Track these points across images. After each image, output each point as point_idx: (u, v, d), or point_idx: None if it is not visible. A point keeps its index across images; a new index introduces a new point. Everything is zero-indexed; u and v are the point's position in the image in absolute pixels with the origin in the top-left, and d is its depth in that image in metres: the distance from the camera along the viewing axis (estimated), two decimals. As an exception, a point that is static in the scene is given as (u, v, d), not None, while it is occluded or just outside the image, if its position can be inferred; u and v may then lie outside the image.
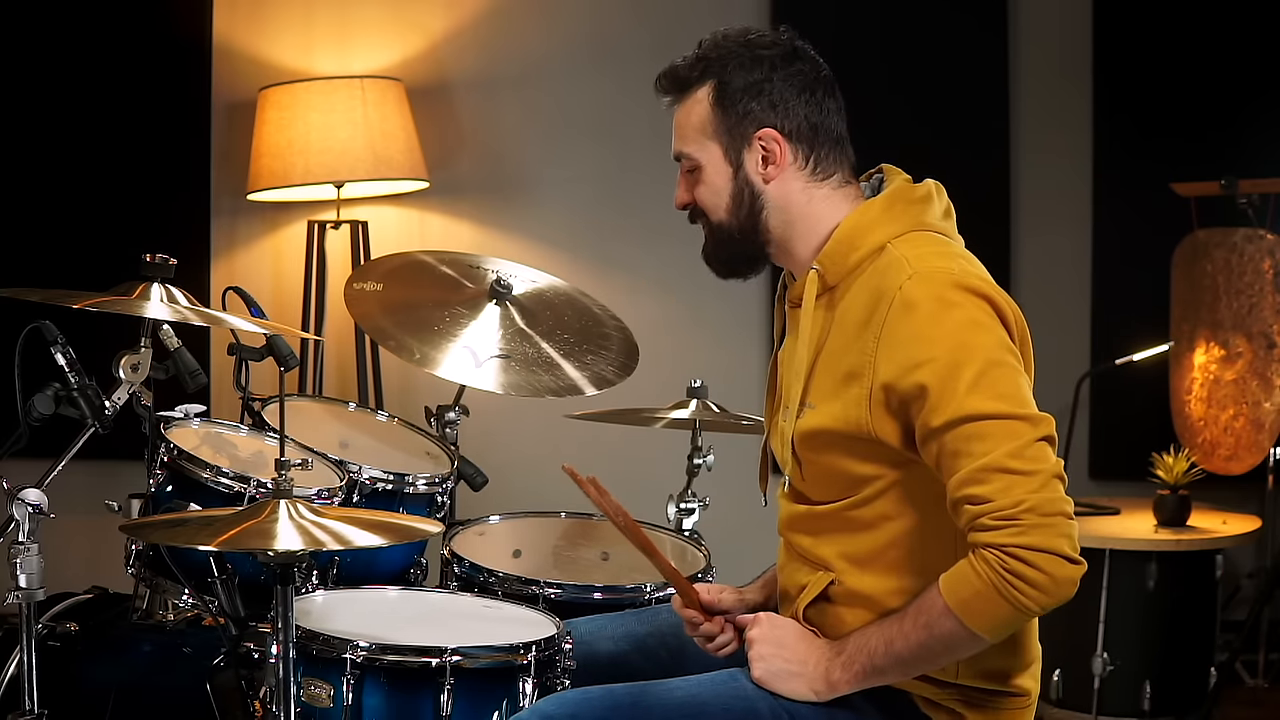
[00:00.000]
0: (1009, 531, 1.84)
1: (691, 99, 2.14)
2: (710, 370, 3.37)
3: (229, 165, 4.74)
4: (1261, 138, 4.49)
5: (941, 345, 1.91)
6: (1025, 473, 1.85)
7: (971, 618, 1.88)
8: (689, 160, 2.16)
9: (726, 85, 2.11)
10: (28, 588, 2.35)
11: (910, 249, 2.01)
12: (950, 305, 1.93)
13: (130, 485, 2.74)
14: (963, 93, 4.56)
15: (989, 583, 1.85)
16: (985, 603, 1.87)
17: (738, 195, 2.13)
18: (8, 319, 2.45)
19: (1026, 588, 1.84)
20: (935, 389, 1.90)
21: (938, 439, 1.91)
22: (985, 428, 1.87)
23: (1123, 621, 3.92)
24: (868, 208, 2.08)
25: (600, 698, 2.03)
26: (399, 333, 3.07)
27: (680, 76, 2.16)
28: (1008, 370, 1.91)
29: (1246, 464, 4.27)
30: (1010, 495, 1.84)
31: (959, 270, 1.96)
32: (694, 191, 2.17)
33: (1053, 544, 1.83)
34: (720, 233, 2.16)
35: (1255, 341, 4.22)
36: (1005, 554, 1.84)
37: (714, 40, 2.15)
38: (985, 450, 1.86)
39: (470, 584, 2.73)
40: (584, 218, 4.80)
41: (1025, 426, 1.88)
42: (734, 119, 2.11)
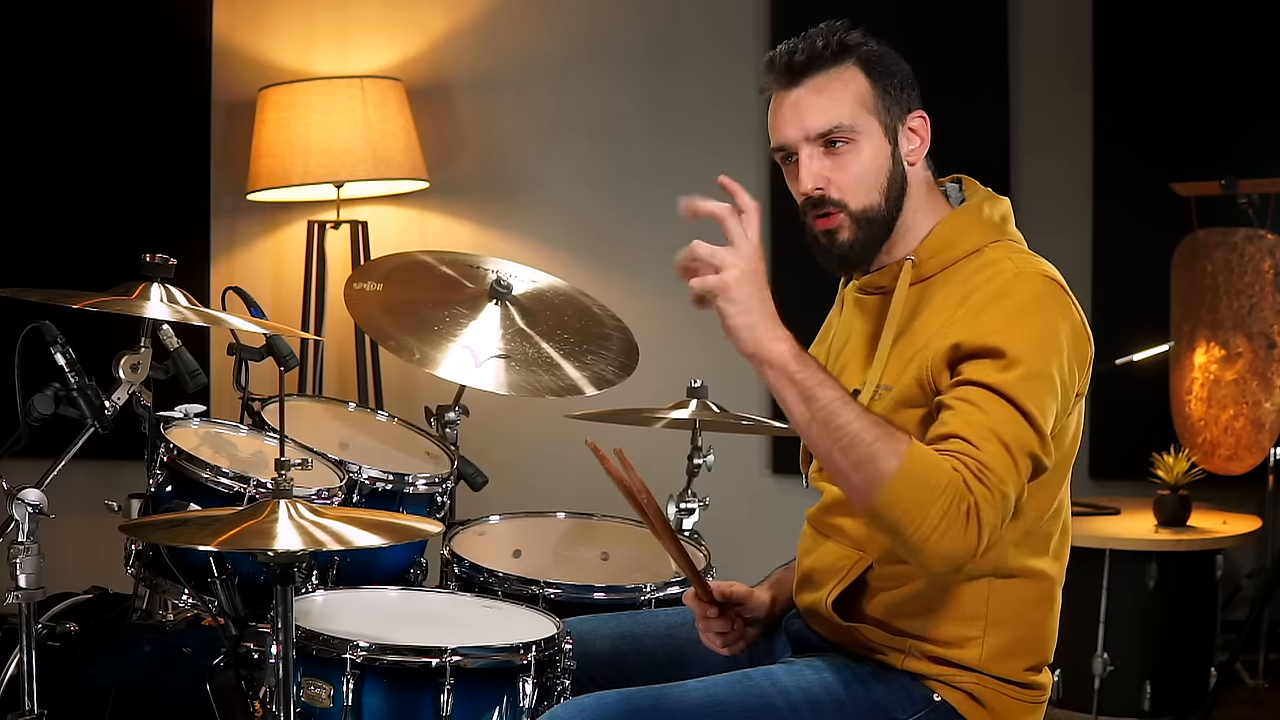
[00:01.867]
0: (982, 490, 1.84)
1: (840, 73, 2.05)
2: (710, 370, 3.37)
3: (229, 165, 4.74)
4: (1262, 138, 4.49)
5: (1026, 335, 1.94)
6: (1017, 465, 1.89)
7: (896, 488, 1.83)
8: (846, 133, 2.05)
9: (876, 64, 2.06)
10: (28, 588, 2.35)
11: (1009, 253, 2.06)
12: (1046, 311, 1.98)
13: (130, 485, 2.74)
14: (962, 92, 4.56)
15: (942, 495, 1.82)
16: (919, 499, 1.82)
17: (894, 175, 2.08)
18: (8, 319, 2.45)
19: (952, 532, 1.82)
20: (1007, 357, 1.92)
21: (972, 388, 1.92)
22: (1007, 409, 1.90)
23: (1123, 621, 3.92)
24: (969, 211, 2.11)
25: (617, 702, 2.03)
26: (399, 333, 3.07)
27: (817, 52, 2.06)
28: (1055, 391, 1.95)
29: (1247, 464, 4.27)
30: (999, 466, 1.86)
31: (1061, 288, 2.02)
32: (833, 174, 2.06)
33: (991, 526, 1.84)
34: (868, 217, 2.07)
35: (1255, 341, 4.22)
36: (971, 495, 1.83)
37: (828, 29, 2.08)
38: (1004, 425, 1.89)
39: (470, 584, 2.73)
40: (584, 218, 4.80)
41: (1035, 440, 1.92)
42: (893, 95, 2.07)
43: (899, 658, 2.07)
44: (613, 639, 2.34)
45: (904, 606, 2.06)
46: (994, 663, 2.05)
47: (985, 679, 2.05)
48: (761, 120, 2.16)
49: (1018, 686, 2.07)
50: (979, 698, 2.05)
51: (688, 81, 4.73)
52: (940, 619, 2.05)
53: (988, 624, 2.05)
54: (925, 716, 2.05)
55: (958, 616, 2.04)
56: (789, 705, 2.04)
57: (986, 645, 2.05)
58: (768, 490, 4.67)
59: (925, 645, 2.06)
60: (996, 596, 2.05)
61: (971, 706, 2.06)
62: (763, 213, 1.96)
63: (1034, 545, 2.06)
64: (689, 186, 1.95)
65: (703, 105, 4.69)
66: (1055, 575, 2.10)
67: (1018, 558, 2.05)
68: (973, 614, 2.04)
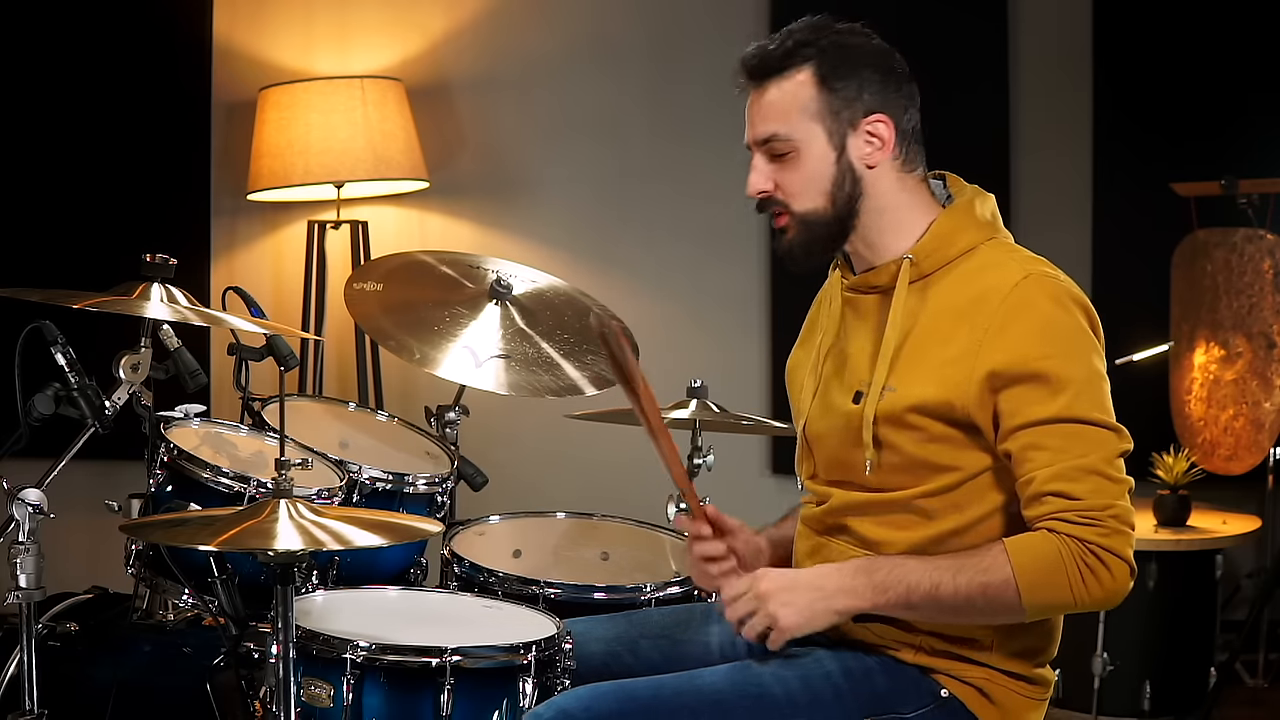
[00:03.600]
0: (1095, 530, 1.92)
1: (789, 80, 2.09)
2: (710, 370, 3.37)
3: (229, 165, 4.74)
4: (1262, 138, 4.49)
5: (1060, 345, 1.99)
6: (1116, 480, 1.96)
7: (1032, 592, 1.94)
8: (782, 143, 2.10)
9: (834, 69, 2.08)
10: (27, 588, 2.35)
11: (1008, 252, 2.09)
12: (1067, 312, 2.02)
13: (130, 485, 2.74)
14: (962, 92, 4.56)
15: (1064, 567, 1.92)
16: (1052, 583, 1.93)
17: (839, 180, 2.10)
18: (8, 319, 2.45)
19: (1094, 583, 1.92)
20: (1054, 381, 1.97)
21: (1035, 429, 1.97)
22: (1088, 432, 1.96)
23: (1123, 621, 3.92)
24: (962, 209, 2.12)
25: (615, 691, 2.04)
26: (399, 333, 3.07)
27: (774, 58, 2.10)
28: (1105, 384, 2.03)
29: (1246, 464, 4.27)
30: (1101, 498, 1.94)
31: (1065, 281, 2.05)
32: (780, 178, 2.11)
33: (1125, 552, 1.94)
34: (811, 220, 2.11)
35: (1255, 341, 4.22)
36: (1087, 548, 1.92)
37: (804, 26, 2.11)
38: (1084, 451, 1.95)
39: (470, 584, 2.73)
40: (584, 218, 4.80)
41: (1116, 439, 1.99)
42: (842, 101, 2.08)
43: (909, 652, 2.07)
44: (607, 640, 2.33)
45: None
46: (1003, 657, 2.06)
47: (994, 673, 2.06)
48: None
49: (1025, 682, 2.08)
50: (988, 693, 2.06)
51: (689, 81, 4.73)
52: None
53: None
54: (931, 712, 2.05)
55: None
56: (787, 696, 2.04)
57: (996, 640, 2.05)
58: (768, 490, 4.67)
59: (935, 640, 2.06)
60: None
61: (980, 702, 2.06)
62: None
63: None
64: (689, 186, 1.96)
65: (703, 105, 4.69)
66: None
67: None
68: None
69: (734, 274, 4.66)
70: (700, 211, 4.66)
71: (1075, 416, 1.96)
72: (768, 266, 4.62)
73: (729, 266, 4.66)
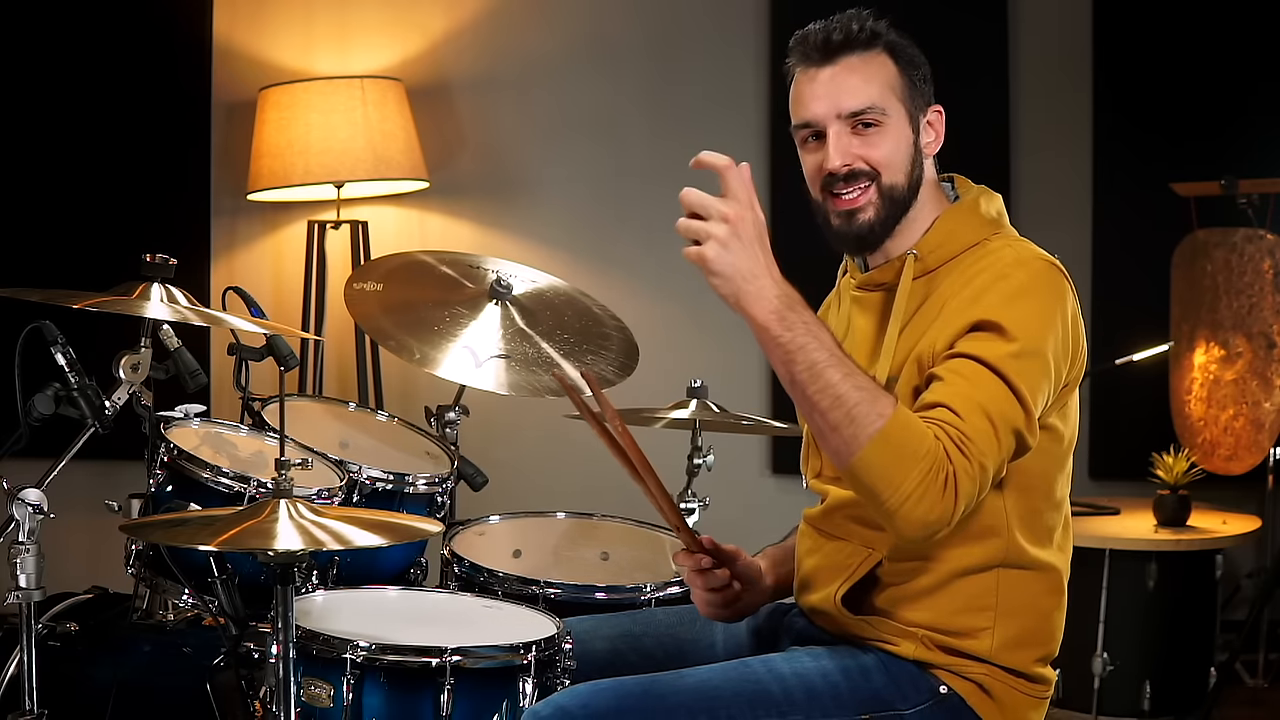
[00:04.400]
0: (960, 458, 1.88)
1: (872, 58, 2.10)
2: (710, 370, 3.37)
3: (229, 165, 4.74)
4: (1262, 138, 4.49)
5: (1022, 310, 1.98)
6: (999, 439, 1.92)
7: (885, 443, 1.85)
8: (877, 113, 2.09)
9: (903, 56, 2.12)
10: (27, 588, 2.35)
11: (1009, 242, 2.09)
12: (1039, 289, 2.01)
13: (130, 485, 2.74)
14: (962, 92, 4.53)
15: (921, 460, 1.85)
16: (903, 458, 1.85)
17: (913, 160, 2.12)
18: (8, 319, 2.45)
19: (926, 496, 1.85)
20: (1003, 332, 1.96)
21: (959, 357, 1.97)
22: (996, 384, 1.94)
23: (1123, 621, 3.92)
24: (967, 205, 2.14)
25: (612, 688, 2.03)
26: (399, 333, 3.07)
27: (855, 36, 2.10)
28: (1045, 370, 1.98)
29: (1246, 464, 4.27)
30: (979, 440, 1.90)
31: (1057, 271, 2.05)
32: (863, 151, 2.09)
33: (966, 492, 1.87)
34: (893, 194, 2.10)
35: (1255, 341, 4.21)
36: (948, 463, 1.87)
37: (857, 15, 2.12)
38: (989, 400, 1.93)
39: (470, 584, 2.73)
40: (584, 218, 4.80)
41: (1021, 415, 1.95)
42: (917, 87, 2.12)
43: (909, 646, 2.07)
44: (612, 639, 2.34)
45: (914, 599, 2.07)
46: (1004, 653, 2.06)
47: (995, 670, 2.06)
48: (762, 119, 2.17)
49: (1025, 679, 2.08)
50: (988, 689, 2.06)
51: (687, 81, 4.73)
52: (950, 609, 2.06)
53: (998, 614, 2.06)
54: (929, 709, 2.05)
55: (968, 607, 2.05)
56: (784, 692, 2.04)
57: (997, 635, 2.06)
58: (768, 490, 4.67)
59: (936, 635, 2.06)
60: (1006, 587, 2.06)
61: (980, 698, 2.06)
62: (765, 213, 1.96)
63: (1038, 536, 2.08)
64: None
65: (702, 104, 4.69)
66: (1061, 567, 2.12)
67: (1024, 548, 2.06)
68: (983, 604, 2.05)
69: (734, 274, 4.65)
70: (700, 211, 4.66)
71: (1002, 370, 1.94)
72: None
73: (729, 266, 4.66)
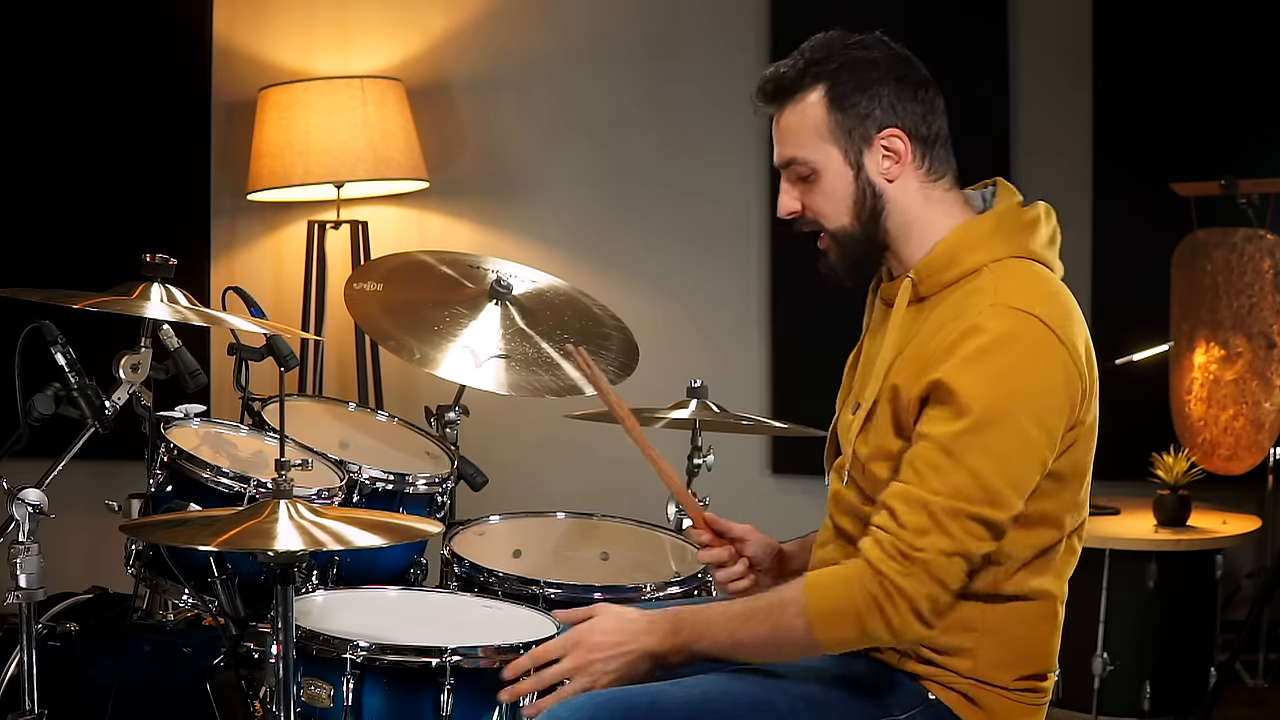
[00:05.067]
0: (896, 566, 1.92)
1: (802, 103, 2.09)
2: (710, 370, 3.37)
3: (229, 165, 4.74)
4: (1262, 138, 4.49)
5: (974, 378, 1.92)
6: (947, 534, 1.91)
7: (823, 626, 1.95)
8: (804, 165, 2.10)
9: (842, 87, 2.08)
10: (28, 588, 2.35)
11: (1006, 279, 2.02)
12: (1004, 346, 1.94)
13: (130, 485, 2.74)
14: (962, 92, 4.52)
15: (854, 602, 1.93)
16: (843, 618, 1.94)
17: (860, 198, 2.09)
18: (8, 319, 2.45)
19: (880, 619, 1.92)
20: (955, 405, 1.92)
21: (919, 441, 1.95)
22: (953, 470, 1.92)
23: (1123, 621, 3.92)
24: (974, 225, 2.08)
25: (614, 700, 2.03)
26: (399, 333, 3.07)
27: (786, 81, 2.10)
28: (1011, 435, 1.93)
29: (1246, 464, 4.27)
30: (920, 540, 1.92)
31: (1041, 311, 1.97)
32: (806, 199, 2.12)
33: (917, 600, 1.92)
34: (844, 238, 2.11)
35: (1255, 341, 4.21)
36: (881, 581, 1.92)
37: (816, 44, 2.11)
38: (934, 489, 1.92)
39: (470, 584, 2.73)
40: (584, 218, 4.80)
41: (984, 504, 1.92)
42: (854, 120, 2.08)
43: (895, 657, 2.07)
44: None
45: None
46: (990, 672, 2.05)
47: (980, 684, 2.05)
48: (762, 119, 2.17)
49: (1018, 691, 2.07)
50: (974, 699, 2.05)
51: (688, 81, 4.73)
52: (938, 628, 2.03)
53: (982, 635, 2.04)
54: (920, 713, 2.05)
55: (951, 627, 2.03)
56: (787, 702, 2.04)
57: (981, 656, 2.04)
58: (768, 490, 4.67)
59: (921, 649, 2.05)
60: (992, 613, 2.04)
61: (967, 707, 2.05)
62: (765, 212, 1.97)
63: (1035, 570, 2.05)
64: (689, 186, 1.96)
65: (703, 105, 4.69)
66: (1058, 592, 2.09)
67: (1015, 581, 2.04)
68: (968, 625, 2.04)
69: (734, 274, 4.66)
70: (700, 211, 4.66)
71: (954, 452, 1.91)
72: (768, 266, 4.62)
73: (729, 266, 4.66)
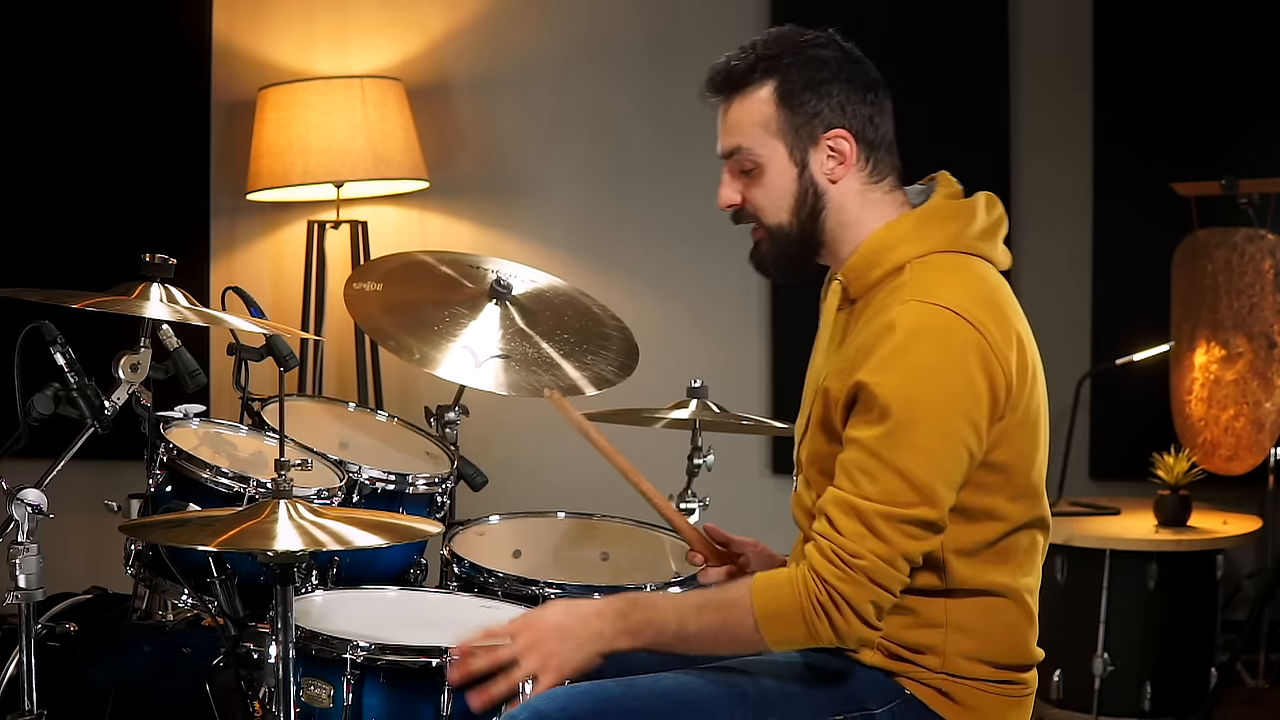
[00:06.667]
0: (836, 573, 1.93)
1: (750, 96, 2.10)
2: (710, 370, 3.37)
3: (229, 165, 4.74)
4: (1262, 138, 4.49)
5: (893, 379, 1.92)
6: (882, 538, 1.92)
7: (769, 627, 1.97)
8: (748, 158, 2.10)
9: (793, 84, 2.08)
10: (27, 588, 2.35)
11: (924, 274, 2.01)
12: (920, 341, 1.93)
13: (130, 485, 2.74)
14: (962, 92, 4.56)
15: (799, 604, 1.94)
16: (788, 619, 1.95)
17: (801, 196, 2.09)
18: (8, 319, 2.45)
19: (825, 623, 1.93)
20: (876, 408, 1.92)
21: (849, 446, 1.96)
22: (882, 473, 1.92)
23: (1123, 622, 3.92)
24: (897, 223, 2.07)
25: (590, 691, 2.04)
26: (399, 333, 3.07)
27: (737, 74, 2.11)
28: (941, 435, 1.93)
29: (1247, 464, 4.27)
30: (859, 545, 1.92)
31: (953, 302, 1.95)
32: (747, 192, 2.12)
33: (862, 605, 1.93)
34: (780, 235, 2.11)
35: (1256, 341, 4.21)
36: (824, 586, 1.93)
37: (769, 39, 2.12)
38: (867, 494, 1.93)
39: (470, 584, 2.73)
40: (584, 218, 4.80)
41: (917, 504, 1.92)
42: (802, 118, 2.08)
43: (868, 653, 2.07)
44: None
45: None
46: (960, 665, 2.05)
47: (954, 678, 2.05)
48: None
49: (993, 682, 2.06)
50: (949, 693, 2.05)
51: (688, 81, 4.65)
52: (901, 625, 2.04)
53: (948, 631, 2.04)
54: (897, 708, 2.05)
55: (918, 624, 2.04)
56: (760, 693, 2.05)
57: (949, 652, 2.04)
58: (768, 490, 4.67)
59: (890, 644, 2.05)
60: (955, 609, 2.04)
61: (942, 702, 2.05)
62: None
63: (988, 562, 2.04)
64: (689, 186, 1.96)
65: (702, 105, 4.68)
66: (1020, 586, 2.06)
67: (970, 575, 2.03)
68: (932, 622, 2.04)
69: (734, 274, 4.63)
70: (700, 211, 4.64)
71: (880, 455, 1.92)
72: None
73: (729, 266, 4.63)
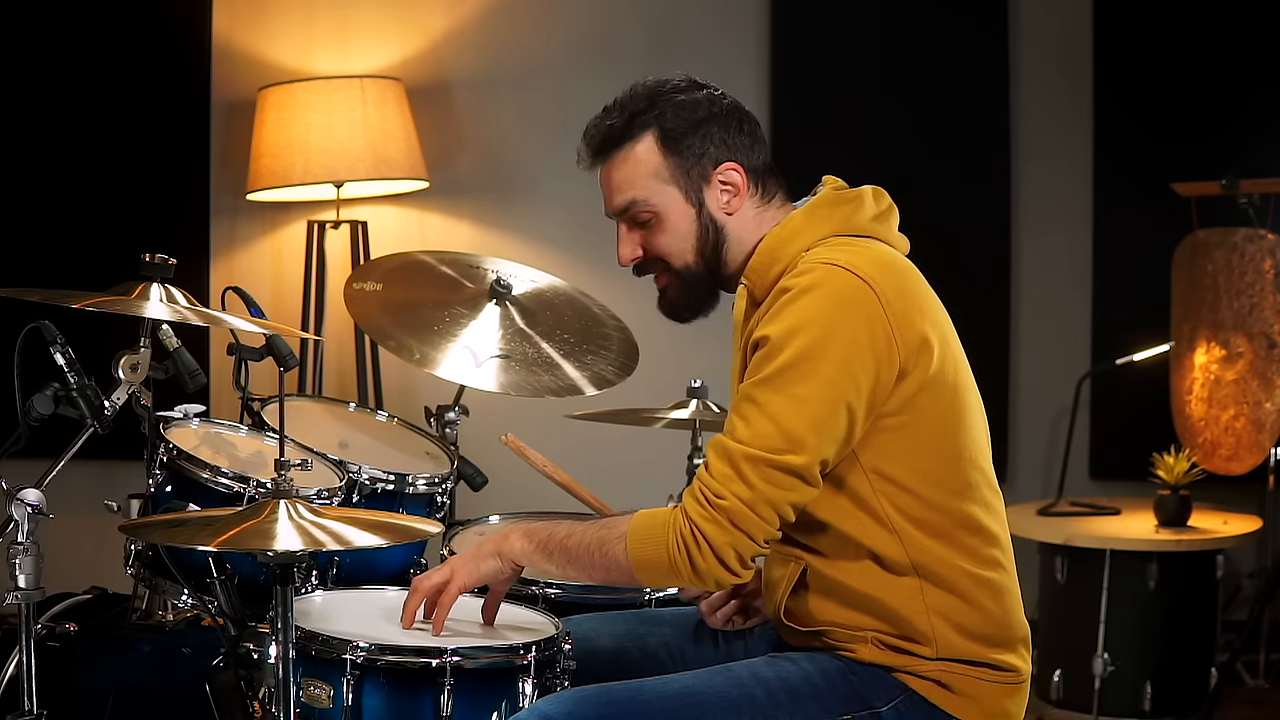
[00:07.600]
0: (703, 513, 1.98)
1: (633, 151, 2.16)
2: (710, 370, 3.36)
3: (229, 165, 4.74)
4: (1262, 137, 4.49)
5: (780, 324, 1.99)
6: (748, 482, 1.96)
7: (636, 548, 2.03)
8: (644, 209, 2.16)
9: (672, 130, 2.14)
10: (27, 588, 2.34)
11: (822, 251, 2.06)
12: (815, 291, 1.99)
13: (130, 485, 2.74)
14: (963, 94, 4.56)
15: (666, 538, 2.00)
16: (653, 548, 2.01)
17: (703, 234, 2.16)
18: (8, 319, 2.45)
19: (685, 558, 1.99)
20: (770, 351, 1.98)
21: (742, 389, 2.02)
22: (756, 417, 1.98)
23: (1123, 622, 3.92)
24: (788, 221, 2.13)
25: (597, 694, 2.05)
26: (399, 333, 3.07)
27: (616, 132, 2.17)
28: (819, 382, 1.96)
29: (1247, 464, 4.27)
30: (723, 486, 1.98)
31: (848, 262, 2.01)
32: (648, 242, 2.18)
33: (720, 545, 1.98)
34: (688, 275, 2.19)
35: (1256, 341, 4.21)
36: (689, 522, 1.99)
37: (635, 94, 2.18)
38: (739, 437, 1.98)
39: (470, 584, 2.72)
40: (584, 218, 4.76)
41: (783, 444, 1.96)
42: (690, 159, 2.14)
43: (865, 650, 2.08)
44: (618, 636, 2.36)
45: (850, 605, 2.08)
46: (952, 648, 2.06)
47: (949, 664, 2.06)
48: (761, 120, 2.19)
49: (987, 668, 2.07)
50: (947, 684, 2.06)
51: (688, 81, 4.72)
52: (886, 615, 2.06)
53: (930, 615, 2.05)
54: (901, 703, 2.06)
55: (901, 614, 2.06)
56: (768, 695, 2.05)
57: (938, 635, 2.05)
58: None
59: (884, 635, 2.07)
60: (931, 592, 2.05)
61: (942, 694, 2.06)
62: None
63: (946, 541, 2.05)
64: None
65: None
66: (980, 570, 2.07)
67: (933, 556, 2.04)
68: (913, 610, 2.05)
69: (734, 274, 4.66)
70: (700, 212, 4.66)
71: (757, 399, 1.97)
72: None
73: (729, 267, 4.66)
